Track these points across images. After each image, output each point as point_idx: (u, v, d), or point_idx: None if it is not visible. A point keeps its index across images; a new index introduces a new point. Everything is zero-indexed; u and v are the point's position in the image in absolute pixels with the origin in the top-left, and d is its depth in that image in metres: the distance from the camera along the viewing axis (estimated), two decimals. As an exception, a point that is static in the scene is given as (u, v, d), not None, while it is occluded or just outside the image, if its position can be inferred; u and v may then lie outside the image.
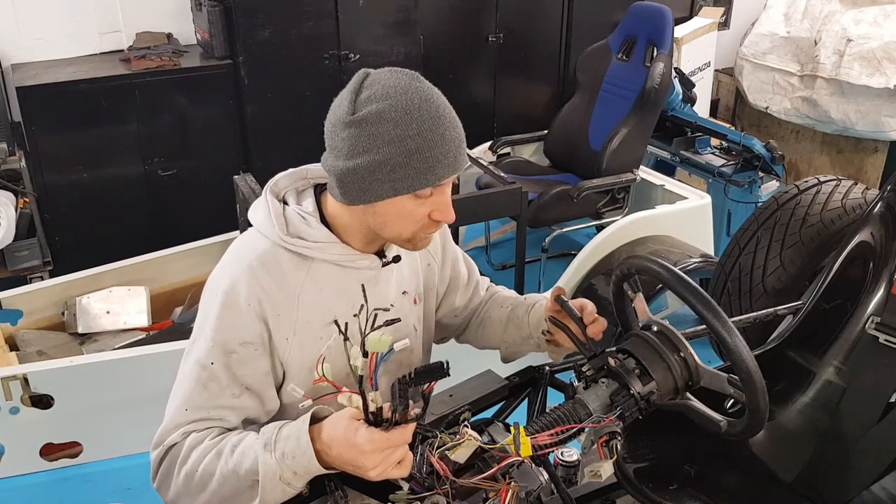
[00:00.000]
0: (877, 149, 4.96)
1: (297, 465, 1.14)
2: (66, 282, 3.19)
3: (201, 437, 1.22)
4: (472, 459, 1.19)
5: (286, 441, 1.15)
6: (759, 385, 1.20)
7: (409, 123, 1.18)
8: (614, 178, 3.49)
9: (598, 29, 4.28)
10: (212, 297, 1.29)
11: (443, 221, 1.28)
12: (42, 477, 2.77)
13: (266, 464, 1.15)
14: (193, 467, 1.20)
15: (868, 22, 4.72)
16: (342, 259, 1.32)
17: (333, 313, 1.32)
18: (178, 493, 1.22)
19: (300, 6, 3.69)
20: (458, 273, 1.58)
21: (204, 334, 1.28)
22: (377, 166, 1.20)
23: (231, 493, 1.18)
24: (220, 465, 1.18)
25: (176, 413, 1.26)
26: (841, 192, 2.63)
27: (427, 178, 1.20)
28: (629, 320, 1.43)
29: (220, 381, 1.25)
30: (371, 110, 1.19)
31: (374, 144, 1.19)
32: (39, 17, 3.73)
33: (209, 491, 1.19)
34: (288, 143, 3.77)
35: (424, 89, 1.21)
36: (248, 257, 1.30)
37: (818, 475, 1.69)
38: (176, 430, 1.24)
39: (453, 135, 1.21)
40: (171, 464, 1.23)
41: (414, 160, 1.19)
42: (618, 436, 1.24)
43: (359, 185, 1.23)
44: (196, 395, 1.25)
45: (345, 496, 1.20)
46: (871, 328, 1.80)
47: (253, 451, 1.17)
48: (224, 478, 1.18)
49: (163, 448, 1.24)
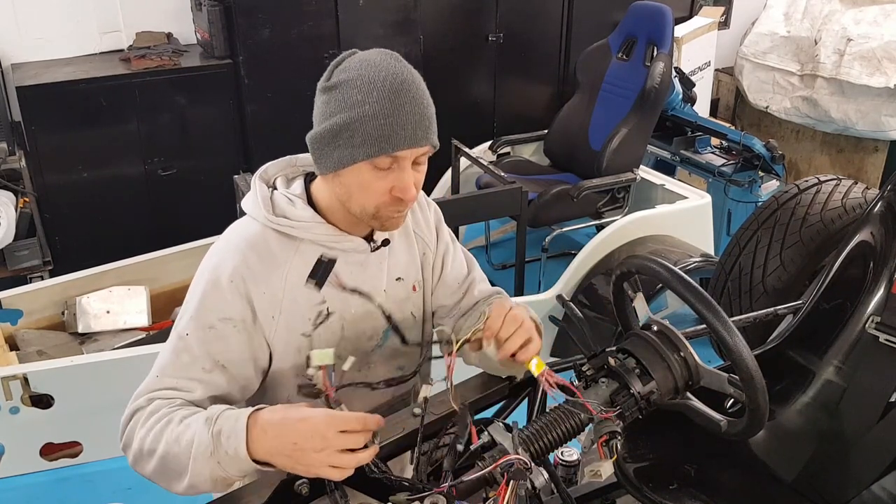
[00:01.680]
0: (877, 148, 4.95)
1: (230, 445, 1.12)
2: (66, 282, 3.19)
3: (162, 405, 1.23)
4: (472, 459, 1.19)
5: (226, 420, 1.15)
6: (760, 385, 1.20)
7: (370, 91, 1.21)
8: (614, 177, 3.49)
9: (598, 29, 4.28)
10: (199, 275, 1.32)
11: (404, 199, 1.27)
12: (42, 477, 2.77)
13: (200, 436, 1.14)
14: (147, 431, 1.20)
15: (868, 21, 4.72)
16: (327, 239, 1.34)
17: (321, 294, 1.34)
18: (135, 456, 1.22)
19: (300, 6, 3.69)
20: (447, 267, 1.54)
21: (187, 308, 1.30)
22: (339, 130, 1.23)
23: (171, 462, 1.18)
24: (166, 432, 1.18)
25: (148, 380, 1.28)
26: (841, 192, 2.63)
27: (381, 145, 1.21)
28: (629, 320, 1.43)
29: (193, 353, 1.27)
30: (341, 78, 1.24)
31: (338, 109, 1.23)
32: (39, 16, 3.73)
33: (156, 457, 1.19)
34: (288, 143, 3.71)
35: (396, 66, 1.25)
36: (236, 239, 1.33)
37: (818, 475, 1.69)
38: (145, 395, 1.25)
39: (414, 109, 1.23)
40: (133, 427, 1.23)
41: (369, 125, 1.21)
42: (618, 435, 1.24)
43: (324, 150, 1.26)
44: (168, 364, 1.28)
45: (345, 496, 1.20)
46: (871, 328, 1.80)
47: (196, 422, 1.17)
48: (168, 446, 1.17)
49: (130, 410, 1.25)
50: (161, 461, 1.19)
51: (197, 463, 1.14)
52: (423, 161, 1.29)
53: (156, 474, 1.21)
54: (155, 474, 1.21)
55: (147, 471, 1.22)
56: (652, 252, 3.18)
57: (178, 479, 1.18)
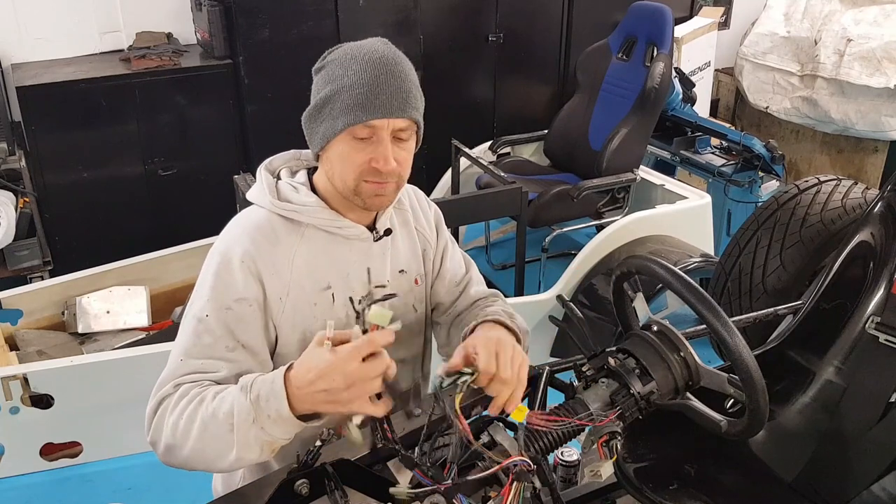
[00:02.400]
0: (877, 148, 4.95)
1: (271, 408, 1.13)
2: (66, 282, 3.19)
3: (190, 388, 1.22)
4: (474, 459, 1.19)
5: (262, 384, 1.16)
6: (760, 385, 1.20)
7: (349, 65, 1.27)
8: (614, 177, 3.49)
9: (598, 29, 4.28)
10: (209, 261, 1.34)
11: (381, 171, 1.28)
12: (42, 477, 2.77)
13: (241, 405, 1.15)
14: (179, 415, 1.19)
15: (868, 22, 4.72)
16: (330, 225, 1.36)
17: (327, 280, 1.36)
18: (168, 444, 1.21)
19: (300, 6, 3.69)
20: (446, 264, 1.57)
21: (201, 293, 1.31)
22: (322, 105, 1.29)
23: (211, 440, 1.17)
24: (201, 410, 1.18)
25: (171, 366, 1.27)
26: (841, 192, 2.63)
27: (357, 114, 1.25)
28: (629, 320, 1.43)
29: (214, 333, 1.27)
30: (329, 59, 1.32)
31: (322, 86, 1.30)
32: (39, 16, 3.73)
33: (192, 438, 1.18)
34: (288, 143, 3.72)
35: (380, 46, 1.30)
36: (243, 223, 1.37)
37: (818, 475, 1.68)
38: (170, 381, 1.24)
39: (391, 80, 1.26)
40: (161, 415, 1.22)
41: (346, 95, 1.25)
42: (618, 436, 1.24)
43: (312, 127, 1.32)
44: (191, 346, 1.27)
45: (345, 496, 1.20)
46: (871, 328, 1.80)
47: (231, 394, 1.17)
48: (204, 423, 1.17)
49: (156, 400, 1.24)
50: (198, 441, 1.17)
51: (240, 433, 1.14)
52: (406, 138, 1.31)
53: (193, 457, 1.19)
54: (192, 457, 1.19)
55: (181, 457, 1.20)
56: (652, 252, 3.18)
57: (220, 456, 1.17)
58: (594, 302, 3.20)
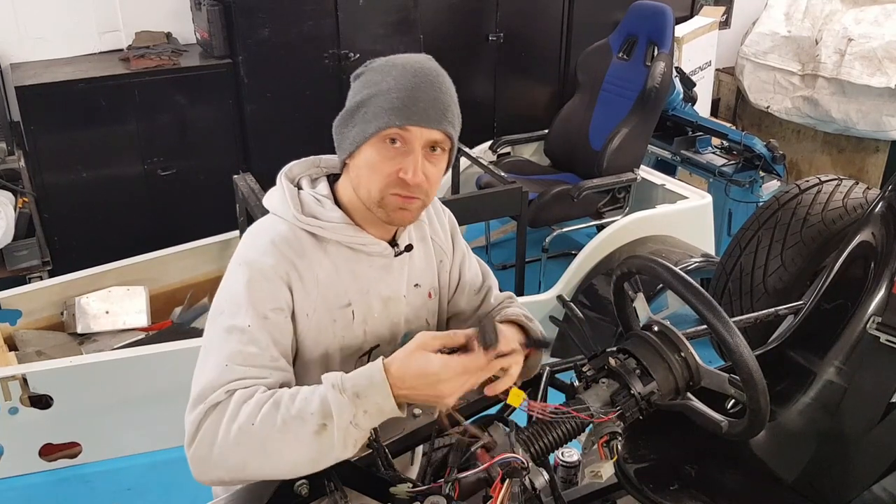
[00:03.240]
0: (878, 148, 4.95)
1: (369, 404, 1.14)
2: (65, 282, 3.19)
3: (249, 394, 1.17)
4: (472, 460, 1.19)
5: (356, 380, 1.16)
6: (760, 385, 1.20)
7: (389, 71, 1.27)
8: (615, 177, 3.49)
9: (599, 28, 4.28)
10: (237, 271, 1.29)
11: (409, 184, 1.26)
12: (41, 477, 2.76)
13: (339, 402, 1.13)
14: (249, 420, 1.14)
15: (869, 21, 4.71)
16: (354, 241, 1.34)
17: (348, 297, 1.35)
18: (225, 452, 1.14)
19: (300, 6, 3.69)
20: (465, 274, 1.56)
21: (235, 302, 1.26)
22: (356, 108, 1.28)
23: (292, 443, 1.13)
24: (280, 413, 1.14)
25: (216, 372, 1.20)
26: (842, 192, 2.63)
27: (391, 117, 1.24)
28: (629, 320, 1.43)
29: (259, 344, 1.23)
30: (370, 66, 1.31)
31: (358, 91, 1.30)
32: (39, 16, 3.72)
33: (269, 443, 1.13)
34: (288, 142, 3.77)
35: (424, 59, 1.30)
36: (269, 235, 1.32)
37: (819, 475, 1.68)
38: (219, 388, 1.18)
39: (429, 90, 1.26)
40: (216, 422, 1.15)
41: (380, 99, 1.25)
42: (618, 436, 1.24)
43: (343, 132, 1.31)
44: (235, 354, 1.22)
45: (345, 496, 1.20)
46: (872, 328, 1.80)
47: (318, 394, 1.15)
48: (286, 425, 1.13)
49: (205, 406, 1.17)
50: (274, 445, 1.13)
51: (339, 431, 1.13)
52: (438, 152, 1.29)
53: (258, 462, 1.14)
54: (256, 462, 1.14)
55: (237, 463, 1.15)
56: (652, 252, 3.18)
57: (297, 458, 1.14)
58: (594, 302, 3.20)
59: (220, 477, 1.17)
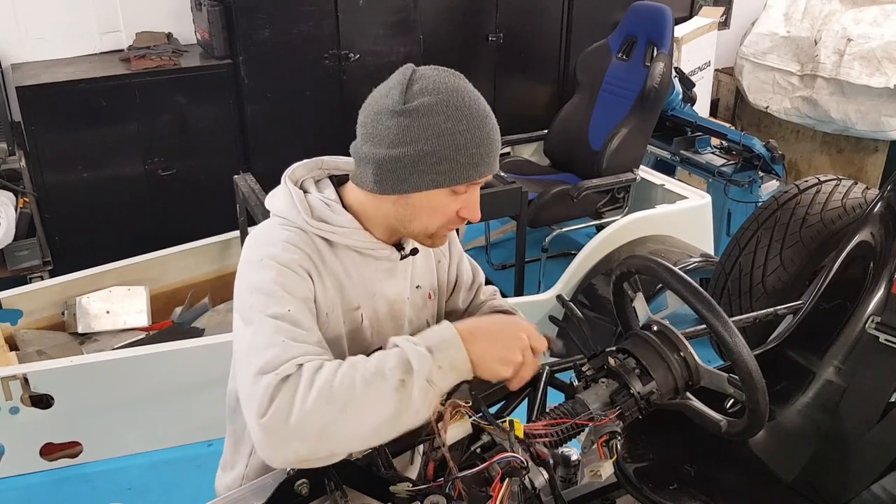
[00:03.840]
0: (877, 148, 4.96)
1: (443, 358, 1.15)
2: (65, 282, 3.19)
3: (319, 364, 1.15)
4: (472, 460, 1.19)
5: (427, 337, 1.18)
6: (760, 385, 1.20)
7: (459, 119, 1.22)
8: (614, 177, 3.49)
9: (598, 29, 4.28)
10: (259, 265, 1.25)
11: (469, 220, 1.31)
12: (42, 477, 2.77)
13: (418, 354, 1.15)
14: (327, 383, 1.11)
15: (868, 22, 4.72)
16: (364, 246, 1.34)
17: (357, 300, 1.36)
18: (304, 419, 1.10)
19: (300, 6, 3.69)
20: (462, 273, 1.59)
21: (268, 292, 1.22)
22: (423, 156, 1.22)
23: (375, 401, 1.12)
24: (359, 373, 1.13)
25: (277, 348, 1.16)
26: (841, 192, 2.63)
27: (469, 173, 1.24)
28: (629, 320, 1.43)
29: (304, 325, 1.21)
30: (423, 102, 1.22)
31: (423, 135, 1.22)
32: (39, 16, 3.73)
33: (352, 403, 1.11)
34: (288, 142, 3.77)
35: (472, 90, 1.28)
36: (283, 235, 1.29)
37: (818, 475, 1.69)
38: (286, 362, 1.14)
39: (495, 136, 1.28)
40: (290, 391, 1.11)
41: (460, 155, 1.23)
42: (618, 435, 1.24)
43: (399, 174, 1.24)
44: (291, 331, 1.19)
45: (345, 496, 1.20)
46: (871, 328, 1.80)
47: (394, 352, 1.16)
48: (367, 383, 1.12)
49: (275, 376, 1.12)
50: (356, 404, 1.11)
51: (418, 382, 1.13)
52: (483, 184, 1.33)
53: (342, 424, 1.11)
54: (341, 425, 1.11)
55: (315, 426, 1.10)
56: (652, 252, 3.18)
57: (380, 417, 1.12)
58: (594, 302, 3.20)
59: (296, 450, 1.11)
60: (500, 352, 1.20)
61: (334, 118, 3.80)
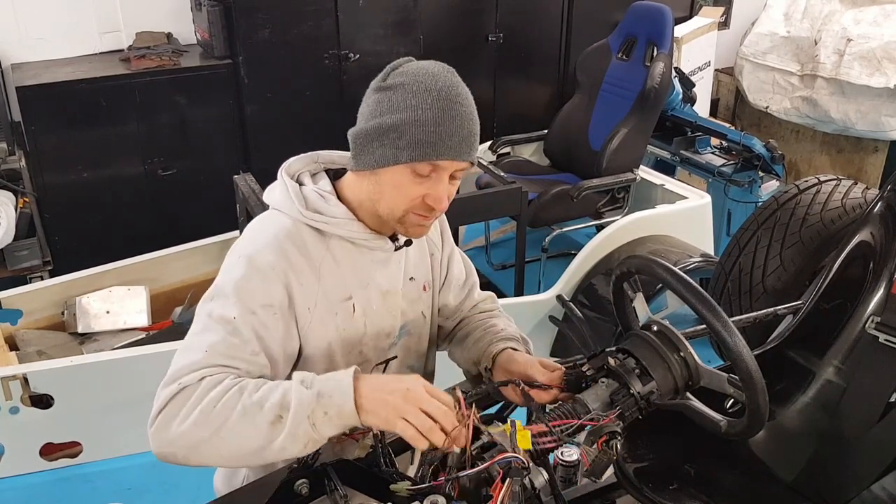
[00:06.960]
0: (877, 148, 4.96)
1: (332, 404, 1.15)
2: (65, 282, 3.19)
3: (218, 380, 1.19)
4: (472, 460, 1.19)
5: (324, 382, 1.18)
6: (759, 385, 1.20)
7: (425, 97, 1.24)
8: (614, 177, 3.49)
9: (598, 29, 4.28)
10: (235, 264, 1.30)
11: (435, 209, 1.30)
12: (42, 477, 2.77)
13: (301, 395, 1.15)
14: (211, 404, 1.16)
15: (868, 22, 4.72)
16: (357, 237, 1.36)
17: (349, 291, 1.37)
18: (183, 431, 1.17)
19: (300, 6, 3.69)
20: (453, 268, 1.60)
21: (225, 293, 1.28)
22: (387, 129, 1.25)
23: (247, 430, 1.15)
24: (242, 399, 1.16)
25: (193, 357, 1.22)
26: (841, 192, 2.63)
27: (426, 151, 1.24)
28: (629, 320, 1.43)
29: (242, 336, 1.25)
30: (398, 81, 1.27)
31: (389, 109, 1.25)
32: (39, 16, 3.73)
33: (226, 425, 1.15)
34: (288, 142, 3.76)
35: (453, 80, 1.28)
36: (271, 230, 1.33)
37: (818, 475, 1.68)
38: (193, 371, 1.20)
39: (464, 124, 1.26)
40: (180, 403, 1.18)
41: (418, 130, 1.23)
42: (618, 436, 1.24)
43: (367, 147, 1.28)
44: (218, 343, 1.24)
45: (344, 496, 1.20)
46: (871, 328, 1.80)
47: (282, 387, 1.17)
48: (244, 411, 1.15)
49: (176, 387, 1.19)
50: (233, 428, 1.15)
51: (292, 424, 1.14)
52: (458, 176, 1.32)
53: (215, 446, 1.16)
54: (213, 446, 1.16)
55: (194, 443, 1.17)
56: (652, 252, 3.18)
57: (251, 448, 1.16)
58: (594, 302, 3.20)
59: (173, 454, 1.19)
60: (390, 410, 1.15)
61: (334, 118, 3.80)
